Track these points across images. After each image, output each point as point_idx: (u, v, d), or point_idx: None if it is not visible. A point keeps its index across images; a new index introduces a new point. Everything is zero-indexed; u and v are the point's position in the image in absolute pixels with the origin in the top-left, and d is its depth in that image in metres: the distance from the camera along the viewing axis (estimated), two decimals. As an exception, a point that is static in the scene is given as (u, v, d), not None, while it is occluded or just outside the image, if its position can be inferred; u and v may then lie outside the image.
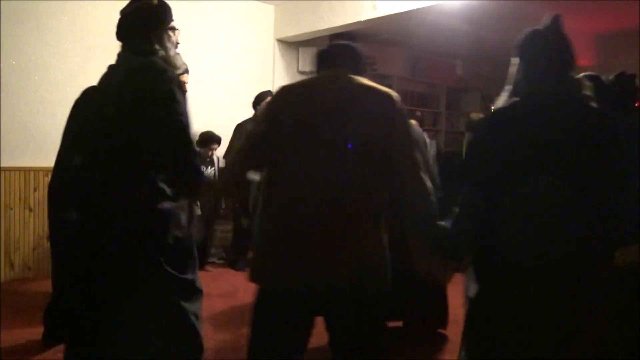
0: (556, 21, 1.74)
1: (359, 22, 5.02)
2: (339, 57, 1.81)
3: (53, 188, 2.69)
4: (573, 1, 4.95)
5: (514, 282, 1.59)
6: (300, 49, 6.12)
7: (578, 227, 1.54)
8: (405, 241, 1.77)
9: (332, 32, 5.68)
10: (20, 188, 4.37)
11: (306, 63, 6.16)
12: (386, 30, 6.12)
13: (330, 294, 1.62)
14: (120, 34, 1.98)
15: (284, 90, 1.78)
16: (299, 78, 6.25)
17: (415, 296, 3.12)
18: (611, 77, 2.40)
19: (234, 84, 5.57)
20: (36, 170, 4.44)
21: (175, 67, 2.00)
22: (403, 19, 4.89)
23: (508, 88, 1.76)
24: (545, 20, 1.76)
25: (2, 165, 4.25)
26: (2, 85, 4.23)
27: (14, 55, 4.28)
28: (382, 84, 1.76)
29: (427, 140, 3.94)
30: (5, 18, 4.20)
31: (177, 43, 2.30)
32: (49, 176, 4.42)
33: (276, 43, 5.99)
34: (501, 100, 1.76)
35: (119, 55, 1.99)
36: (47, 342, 2.85)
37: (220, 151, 5.00)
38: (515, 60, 1.80)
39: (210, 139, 4.80)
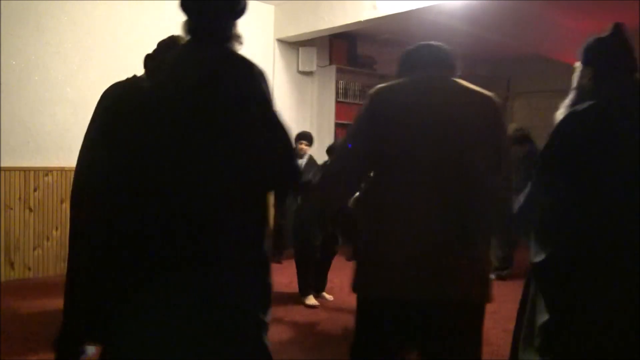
0: (619, 29, 1.85)
1: (359, 22, 5.02)
2: (433, 59, 1.75)
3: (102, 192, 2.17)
4: (573, 1, 4.95)
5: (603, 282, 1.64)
6: (300, 49, 6.12)
7: None
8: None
9: (332, 32, 5.69)
10: (20, 188, 4.37)
11: (306, 63, 6.17)
12: (386, 30, 6.12)
13: (441, 305, 1.58)
14: (196, 17, 1.65)
15: (381, 94, 1.68)
16: (299, 78, 6.26)
17: None
18: None
19: (234, 84, 5.57)
20: (36, 170, 4.44)
21: None
22: (403, 19, 4.89)
23: (573, 91, 1.87)
24: (609, 28, 1.87)
25: (2, 165, 4.25)
26: (2, 85, 4.23)
27: (14, 55, 4.28)
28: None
29: None
30: (5, 18, 4.20)
31: None
32: (49, 176, 4.48)
33: (276, 43, 5.99)
34: (567, 103, 1.86)
35: (192, 43, 1.67)
36: None
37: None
38: (580, 66, 1.89)
39: (301, 136, 4.57)
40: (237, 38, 1.68)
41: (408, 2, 4.54)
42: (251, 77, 1.59)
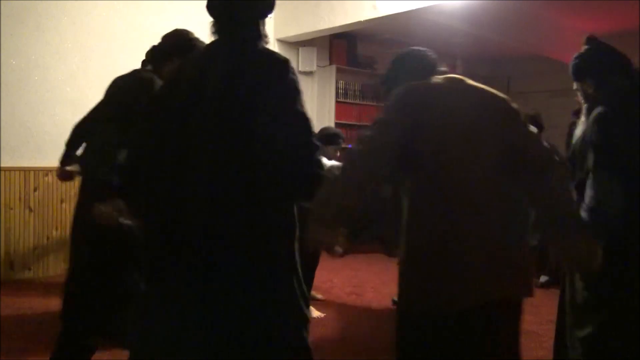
0: (594, 39, 2.02)
1: (359, 22, 5.02)
2: (436, 63, 1.76)
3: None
4: (573, 1, 4.95)
5: None
6: (300, 49, 6.12)
7: None
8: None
9: (332, 32, 5.69)
10: (20, 188, 4.37)
11: (306, 63, 6.16)
12: (386, 30, 6.12)
13: (493, 306, 1.54)
14: (226, 15, 1.68)
15: (415, 94, 1.63)
16: (299, 78, 6.23)
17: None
18: None
19: (234, 84, 5.58)
20: (36, 170, 4.44)
21: None
22: (403, 19, 4.89)
23: (585, 106, 2.01)
24: (584, 41, 2.04)
25: (2, 165, 4.25)
26: (2, 85, 4.24)
27: (14, 55, 4.29)
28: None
29: None
30: (5, 18, 4.20)
31: None
32: (49, 176, 4.48)
33: (276, 43, 5.99)
34: (583, 119, 1.99)
35: (219, 43, 1.68)
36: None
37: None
38: (577, 84, 2.03)
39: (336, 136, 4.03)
40: (264, 37, 1.74)
41: (408, 2, 4.54)
42: (283, 73, 1.64)
